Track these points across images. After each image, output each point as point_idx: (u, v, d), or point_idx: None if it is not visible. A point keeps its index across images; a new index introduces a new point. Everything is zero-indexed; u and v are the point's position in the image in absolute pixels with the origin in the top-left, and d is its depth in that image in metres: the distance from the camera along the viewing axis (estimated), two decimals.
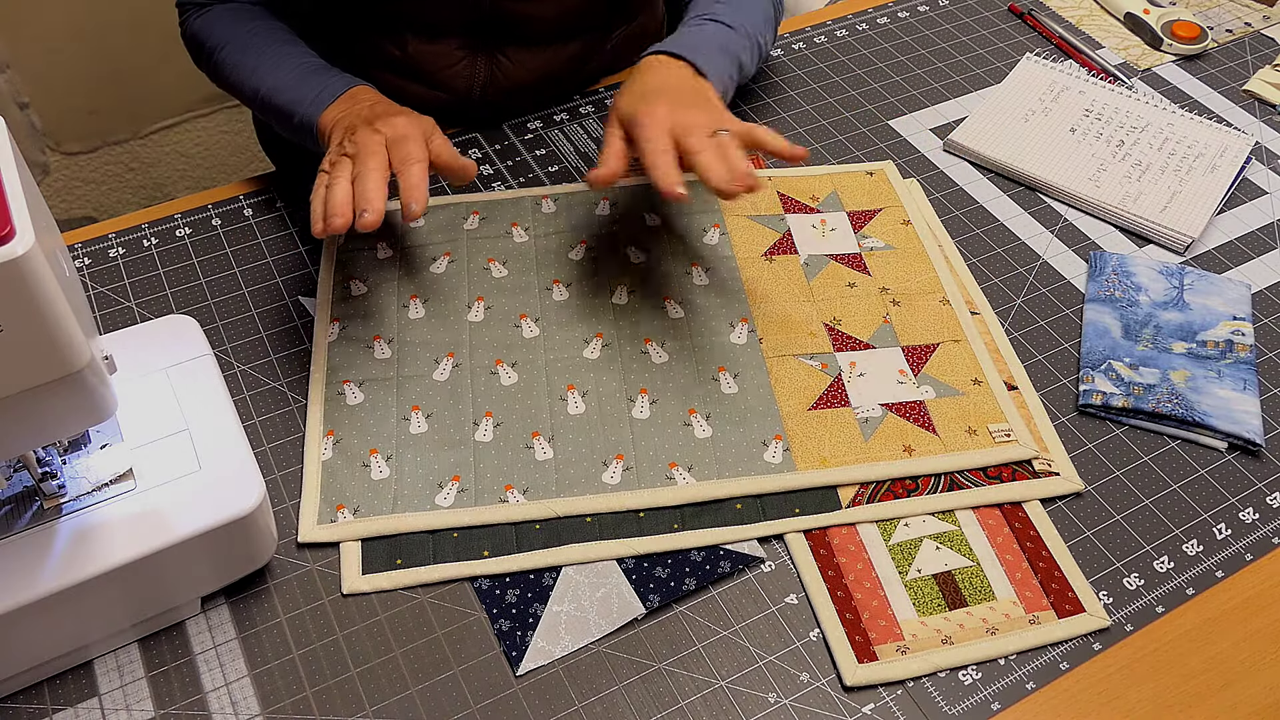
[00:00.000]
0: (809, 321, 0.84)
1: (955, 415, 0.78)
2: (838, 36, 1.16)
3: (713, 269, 0.88)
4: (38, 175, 1.83)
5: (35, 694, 0.64)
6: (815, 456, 0.75)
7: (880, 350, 0.82)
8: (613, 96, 0.86)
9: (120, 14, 1.70)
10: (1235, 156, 1.01)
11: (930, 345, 0.83)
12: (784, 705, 0.65)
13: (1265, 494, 0.76)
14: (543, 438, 0.76)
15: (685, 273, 0.88)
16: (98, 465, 0.65)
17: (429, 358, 0.81)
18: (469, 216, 0.93)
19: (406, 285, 0.86)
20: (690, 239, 0.91)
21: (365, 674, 0.66)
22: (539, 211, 0.93)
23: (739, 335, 0.83)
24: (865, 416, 0.78)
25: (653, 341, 0.82)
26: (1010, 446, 0.76)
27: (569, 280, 0.87)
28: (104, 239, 0.92)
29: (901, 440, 0.77)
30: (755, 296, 0.86)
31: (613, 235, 0.91)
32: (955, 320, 0.85)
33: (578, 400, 0.78)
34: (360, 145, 0.76)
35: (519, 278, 0.87)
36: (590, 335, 0.83)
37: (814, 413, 0.78)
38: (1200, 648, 0.68)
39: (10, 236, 0.49)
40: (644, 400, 0.78)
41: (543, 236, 0.91)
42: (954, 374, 0.81)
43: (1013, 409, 0.79)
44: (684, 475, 0.74)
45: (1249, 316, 0.86)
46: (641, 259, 0.89)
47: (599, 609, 0.68)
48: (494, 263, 0.88)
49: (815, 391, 0.80)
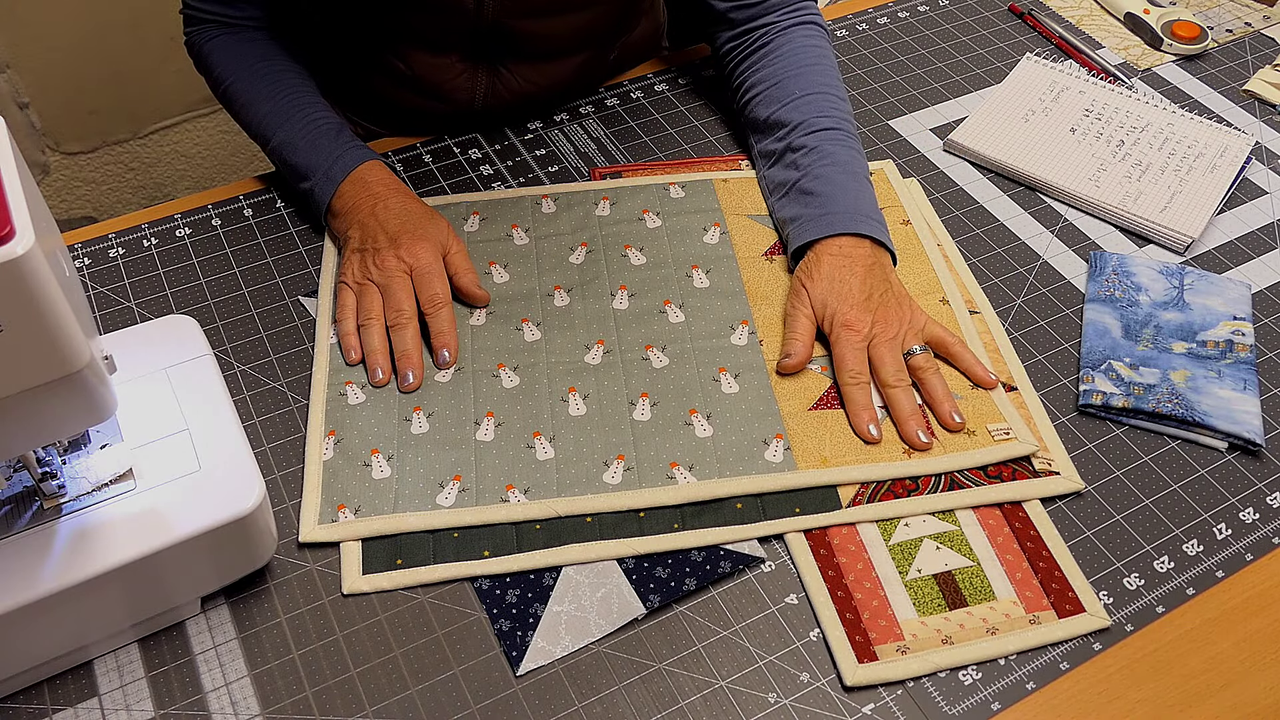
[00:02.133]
0: None
1: None
2: (838, 36, 1.16)
3: (713, 270, 0.88)
4: (38, 175, 1.83)
5: (35, 694, 0.64)
6: (816, 456, 0.75)
7: None
8: (794, 281, 0.85)
9: (120, 14, 1.70)
10: (1235, 156, 1.01)
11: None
12: (784, 705, 0.65)
13: (1265, 494, 0.76)
14: (544, 438, 0.76)
15: (685, 275, 0.88)
16: (98, 465, 0.65)
17: (430, 361, 0.81)
18: (469, 217, 0.93)
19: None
20: (690, 239, 0.91)
21: (365, 674, 0.66)
22: (539, 211, 0.93)
23: (740, 337, 0.83)
24: None
25: (654, 347, 0.82)
26: (1010, 444, 0.76)
27: (570, 285, 0.87)
28: (104, 239, 0.92)
29: (900, 442, 0.77)
30: (756, 298, 0.86)
31: (614, 236, 0.91)
32: (954, 321, 0.85)
33: (579, 402, 0.78)
34: (389, 283, 0.83)
35: (520, 283, 0.87)
36: (591, 341, 0.83)
37: (814, 413, 0.78)
38: (1200, 648, 0.68)
39: (10, 236, 0.49)
40: (645, 403, 0.78)
41: (543, 238, 0.91)
42: (952, 376, 0.81)
43: (1011, 409, 0.79)
44: (685, 474, 0.74)
45: (1249, 316, 0.86)
46: (642, 261, 0.89)
47: (599, 609, 0.68)
48: (495, 266, 0.88)
49: (816, 393, 0.80)
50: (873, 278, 0.83)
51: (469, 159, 1.00)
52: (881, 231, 0.86)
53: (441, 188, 0.97)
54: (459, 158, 1.00)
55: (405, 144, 1.02)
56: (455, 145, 1.02)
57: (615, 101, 1.07)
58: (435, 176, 0.98)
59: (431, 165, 0.99)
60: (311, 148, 0.90)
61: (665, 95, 1.08)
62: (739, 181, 0.97)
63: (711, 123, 1.05)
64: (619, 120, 1.05)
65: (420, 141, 1.02)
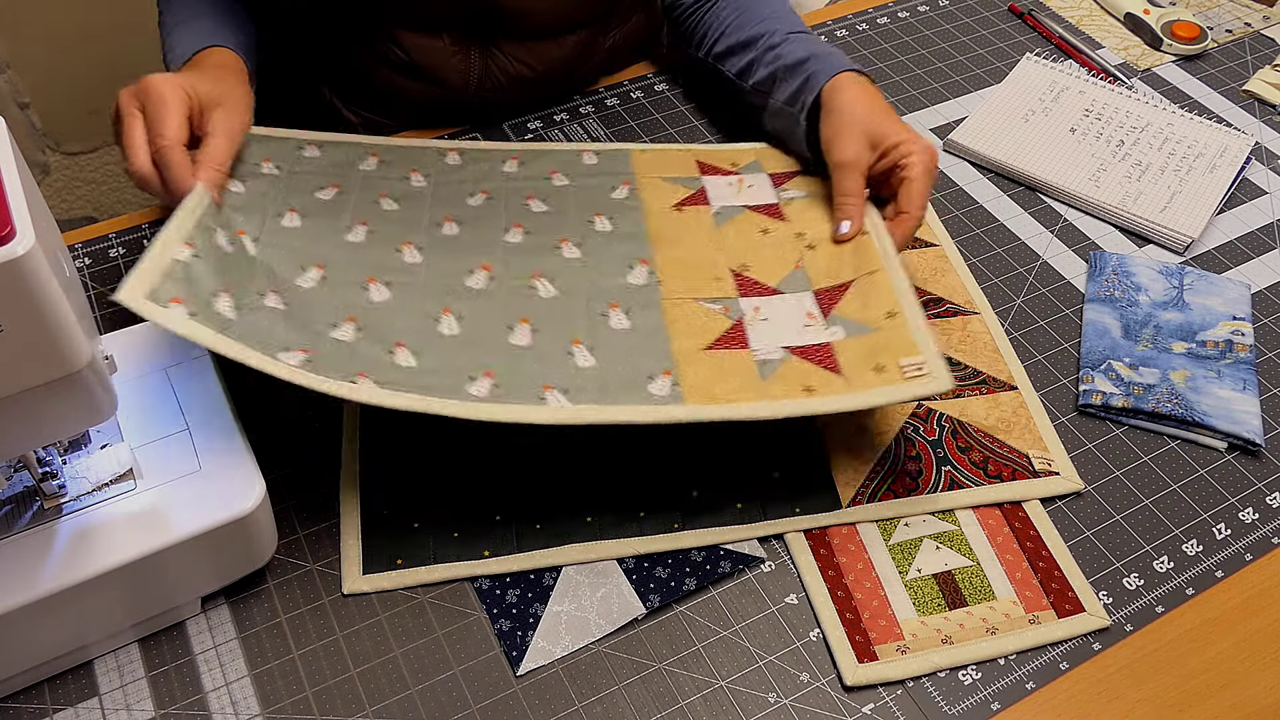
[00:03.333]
0: (714, 267, 0.81)
1: (864, 352, 0.73)
2: (837, 37, 1.16)
3: (616, 218, 0.85)
4: (38, 175, 1.83)
5: (35, 694, 0.64)
6: (705, 393, 0.70)
7: (789, 295, 0.79)
8: (822, 144, 0.87)
9: (120, 14, 1.70)
10: (1235, 156, 1.01)
11: (844, 284, 0.79)
12: (784, 705, 0.65)
13: (1265, 494, 0.76)
14: (407, 349, 0.70)
15: (588, 220, 0.84)
16: (98, 465, 0.65)
17: (295, 264, 0.75)
18: (366, 158, 0.88)
19: (286, 199, 0.81)
20: (597, 195, 0.87)
21: (365, 674, 0.66)
22: (442, 162, 0.89)
23: (637, 276, 0.79)
24: (765, 359, 0.73)
25: (543, 277, 0.78)
26: (921, 381, 0.69)
27: (463, 220, 0.83)
28: (104, 239, 0.92)
29: (802, 381, 0.71)
30: (659, 242, 0.83)
31: (517, 190, 0.87)
32: (873, 250, 0.80)
33: (451, 323, 0.73)
34: (128, 109, 0.75)
35: (409, 212, 0.83)
36: (475, 266, 0.78)
37: (709, 353, 0.73)
38: (1200, 648, 0.68)
39: (10, 236, 0.49)
40: (524, 328, 0.73)
41: (442, 185, 0.86)
42: (868, 309, 0.76)
43: (929, 340, 0.72)
44: (558, 398, 0.68)
45: (1249, 316, 0.87)
46: (543, 209, 0.85)
47: (599, 609, 0.68)
48: (385, 198, 0.84)
49: (714, 334, 0.75)
50: (877, 104, 0.86)
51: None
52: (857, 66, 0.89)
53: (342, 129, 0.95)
54: None
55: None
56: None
57: (615, 101, 1.07)
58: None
59: None
60: (177, 44, 0.87)
61: (665, 95, 1.08)
62: (658, 151, 0.94)
63: (711, 123, 1.04)
64: (619, 120, 1.04)
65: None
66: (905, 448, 0.77)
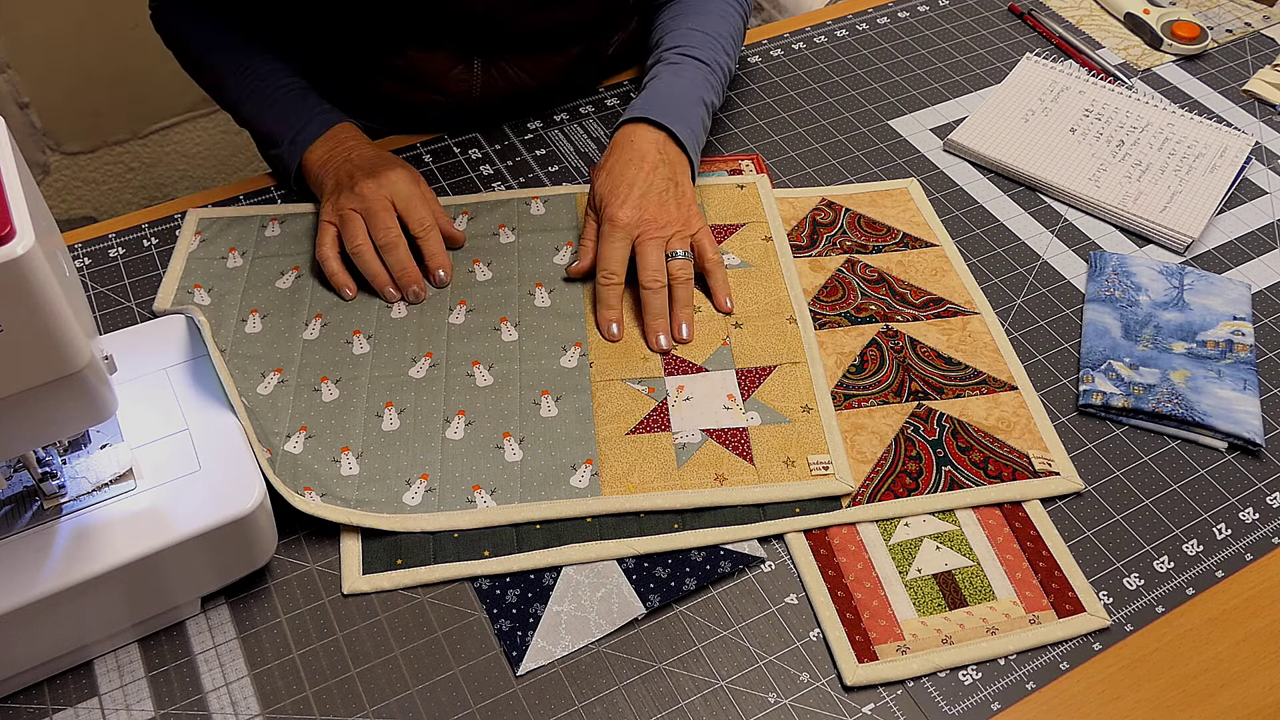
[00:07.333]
0: (643, 344, 0.83)
1: (776, 444, 0.76)
2: (838, 36, 1.16)
3: (556, 290, 0.87)
4: (38, 175, 1.83)
5: (35, 694, 0.64)
6: (623, 482, 0.74)
7: (713, 374, 0.81)
8: (592, 174, 0.89)
9: (120, 14, 1.70)
10: (1235, 156, 1.01)
11: (767, 368, 0.81)
12: (784, 705, 0.65)
13: (1265, 494, 0.76)
14: (351, 453, 0.75)
15: (528, 293, 0.86)
16: (98, 465, 0.65)
17: (256, 371, 0.79)
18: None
19: (249, 299, 0.85)
20: (540, 258, 0.89)
21: (365, 674, 0.66)
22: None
23: (570, 359, 0.81)
24: (684, 442, 0.76)
25: (480, 364, 0.81)
26: (825, 480, 0.74)
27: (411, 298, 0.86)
28: (104, 239, 0.92)
29: (715, 468, 0.75)
30: (595, 319, 0.85)
31: (464, 251, 0.90)
32: (798, 340, 0.83)
33: (393, 417, 0.77)
34: (371, 208, 0.84)
35: (360, 294, 0.86)
36: (419, 354, 0.82)
37: (631, 437, 0.76)
38: (1200, 648, 0.68)
39: (10, 236, 0.49)
40: (460, 421, 0.77)
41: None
42: (785, 399, 0.79)
43: (838, 440, 0.77)
44: (485, 499, 0.73)
45: (1249, 316, 0.87)
46: (487, 276, 0.88)
47: (599, 609, 0.68)
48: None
49: (637, 416, 0.78)
50: (656, 175, 0.85)
51: (469, 159, 1.00)
52: (684, 131, 0.88)
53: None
54: (459, 157, 1.00)
55: (405, 143, 1.02)
56: (455, 145, 1.02)
57: (615, 101, 1.07)
58: (435, 176, 0.98)
59: (431, 165, 0.99)
60: (282, 112, 0.92)
61: None
62: None
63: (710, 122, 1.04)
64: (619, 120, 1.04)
65: (420, 141, 1.02)
66: (905, 448, 0.77)
